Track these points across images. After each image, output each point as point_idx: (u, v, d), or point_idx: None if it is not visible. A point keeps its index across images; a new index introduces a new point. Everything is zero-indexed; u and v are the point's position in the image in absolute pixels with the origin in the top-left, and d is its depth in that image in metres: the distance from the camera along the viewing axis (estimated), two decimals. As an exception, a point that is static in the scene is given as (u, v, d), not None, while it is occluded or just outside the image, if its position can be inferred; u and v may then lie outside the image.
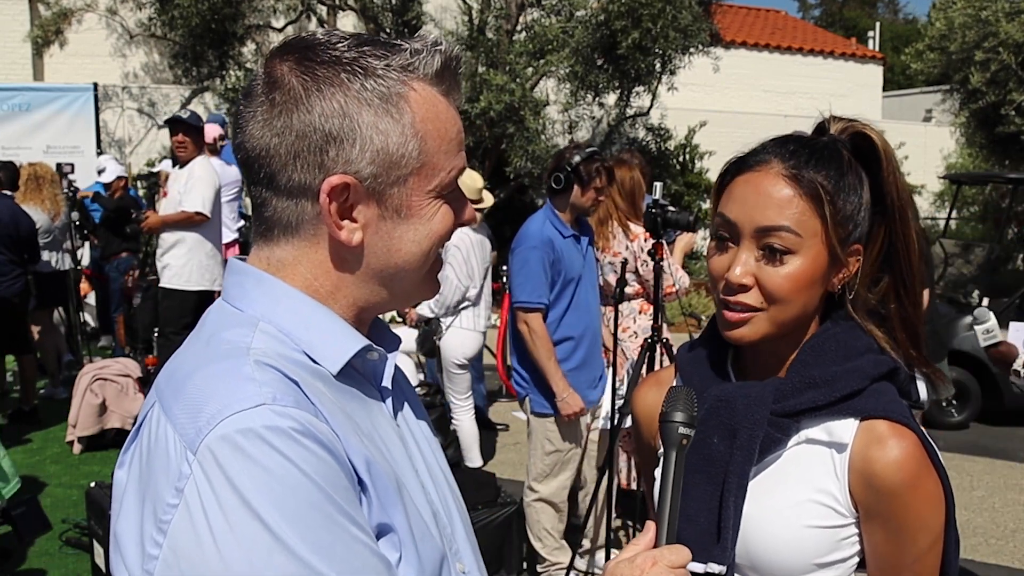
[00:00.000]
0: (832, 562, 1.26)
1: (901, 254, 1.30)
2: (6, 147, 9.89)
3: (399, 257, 0.98)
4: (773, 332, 1.28)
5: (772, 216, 1.23)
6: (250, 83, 0.97)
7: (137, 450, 0.89)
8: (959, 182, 9.58)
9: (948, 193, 15.90)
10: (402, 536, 0.91)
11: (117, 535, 0.86)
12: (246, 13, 10.98)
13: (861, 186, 1.28)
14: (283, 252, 0.98)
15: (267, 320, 0.95)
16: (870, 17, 35.70)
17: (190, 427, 0.83)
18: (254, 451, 0.81)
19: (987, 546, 4.74)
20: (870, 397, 1.25)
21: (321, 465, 0.83)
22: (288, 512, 0.80)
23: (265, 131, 0.94)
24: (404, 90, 0.95)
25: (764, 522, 1.27)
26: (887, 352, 1.29)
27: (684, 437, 1.09)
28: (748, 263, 1.25)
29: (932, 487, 1.24)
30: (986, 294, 6.93)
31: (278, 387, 0.86)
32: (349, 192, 0.94)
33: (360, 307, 1.01)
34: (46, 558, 4.40)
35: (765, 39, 18.08)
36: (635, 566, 1.02)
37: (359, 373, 1.00)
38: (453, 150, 0.99)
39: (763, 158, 1.27)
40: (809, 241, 1.23)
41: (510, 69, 10.19)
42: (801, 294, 1.25)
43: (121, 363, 6.40)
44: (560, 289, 3.77)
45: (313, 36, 0.97)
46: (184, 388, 0.88)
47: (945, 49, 12.35)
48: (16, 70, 12.46)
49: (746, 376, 1.36)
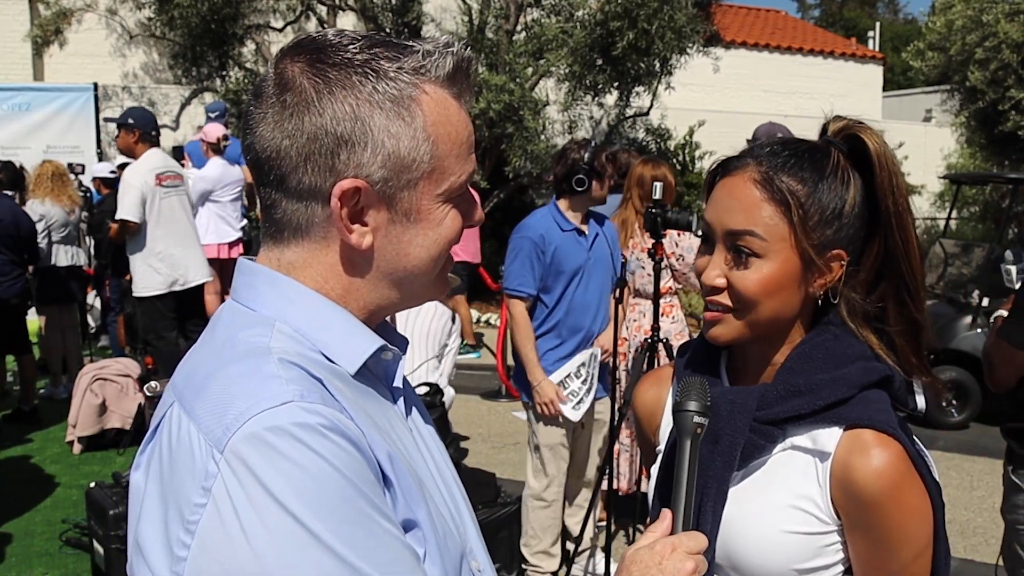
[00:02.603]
0: (814, 568, 1.26)
1: (900, 259, 1.28)
2: (6, 147, 9.88)
3: (408, 261, 0.98)
4: (748, 334, 1.28)
5: (739, 220, 1.25)
6: (260, 84, 0.97)
7: (156, 451, 0.88)
8: (959, 182, 9.58)
9: (948, 193, 15.90)
10: (426, 532, 0.92)
11: (140, 539, 0.85)
12: (246, 13, 10.97)
13: (847, 190, 1.26)
14: (293, 254, 0.97)
15: (282, 320, 0.95)
16: (870, 17, 35.69)
17: (216, 426, 0.82)
18: (285, 448, 0.80)
19: (987, 546, 4.73)
20: (857, 405, 1.24)
21: (351, 460, 0.83)
22: (320, 507, 0.80)
23: (276, 133, 0.93)
24: (416, 93, 0.94)
25: (746, 526, 1.27)
26: (882, 359, 1.28)
27: (698, 426, 1.10)
28: (719, 265, 1.27)
29: (915, 499, 1.22)
30: (986, 294, 6.93)
31: (304, 384, 0.86)
32: (360, 196, 0.93)
33: (371, 309, 1.00)
34: (46, 558, 4.40)
35: (765, 39, 18.08)
36: (655, 552, 1.03)
37: (372, 373, 1.00)
38: (464, 154, 0.99)
39: (742, 162, 1.28)
40: (776, 245, 1.23)
41: (509, 69, 10.19)
42: (771, 298, 1.25)
43: (121, 363, 6.40)
44: (552, 282, 3.76)
45: (324, 37, 0.96)
46: (206, 388, 0.87)
47: (945, 49, 12.35)
48: (16, 70, 12.45)
49: (738, 379, 1.36)
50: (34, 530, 4.72)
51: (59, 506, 5.03)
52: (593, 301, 3.86)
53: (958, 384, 6.91)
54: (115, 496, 3.90)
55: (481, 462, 5.48)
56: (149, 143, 5.87)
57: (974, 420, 6.94)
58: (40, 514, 4.94)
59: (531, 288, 3.75)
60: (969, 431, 6.87)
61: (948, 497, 6.16)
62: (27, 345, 6.71)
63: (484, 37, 10.69)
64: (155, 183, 5.82)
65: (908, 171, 15.87)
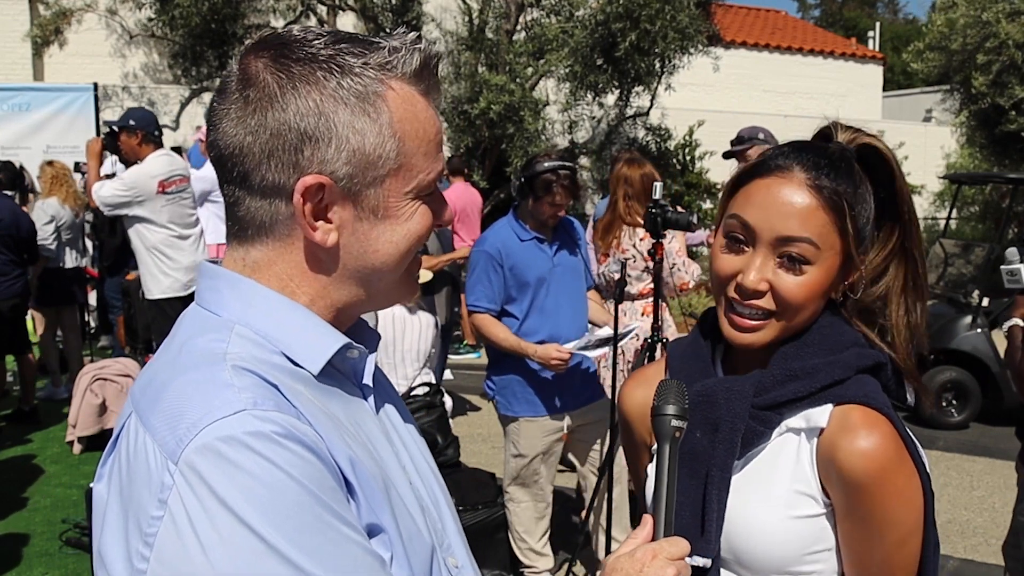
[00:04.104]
0: (820, 550, 1.26)
1: (917, 260, 1.32)
2: (6, 147, 9.87)
3: (376, 258, 0.97)
4: (781, 337, 1.29)
5: (794, 227, 1.23)
6: (224, 80, 0.96)
7: (116, 463, 0.87)
8: (959, 182, 9.57)
9: (948, 193, 15.90)
10: (391, 536, 0.91)
11: (102, 551, 0.84)
12: (246, 13, 10.98)
13: (870, 197, 1.29)
14: (258, 253, 0.96)
15: (243, 323, 0.93)
16: (870, 17, 35.69)
17: (170, 437, 0.82)
18: (237, 457, 0.79)
19: (987, 546, 4.73)
20: (851, 385, 1.25)
21: (307, 467, 0.82)
22: (275, 516, 0.79)
23: (239, 129, 0.92)
24: (382, 89, 0.93)
25: (749, 515, 1.27)
26: (876, 346, 1.30)
27: (677, 430, 1.10)
28: (764, 269, 1.25)
29: (903, 482, 1.21)
30: (986, 294, 6.93)
31: (257, 392, 0.85)
32: (324, 192, 0.92)
33: (338, 308, 0.99)
34: (46, 558, 4.39)
35: (765, 39, 18.08)
36: (635, 560, 1.02)
37: (339, 372, 0.99)
38: (432, 151, 0.98)
39: (784, 164, 1.26)
40: (827, 253, 1.24)
41: (510, 69, 10.19)
42: (813, 302, 1.26)
43: (121, 363, 6.40)
44: (517, 293, 3.69)
45: (289, 32, 0.95)
46: (161, 398, 0.86)
47: (946, 49, 12.35)
48: (16, 70, 12.45)
49: (733, 371, 1.36)
50: (34, 530, 4.71)
51: (59, 506, 5.02)
52: (564, 306, 3.77)
53: (958, 384, 6.90)
54: (115, 496, 3.90)
55: (481, 462, 5.48)
56: (153, 143, 5.80)
57: (974, 420, 6.93)
58: (40, 514, 4.94)
59: (488, 303, 3.67)
60: (969, 431, 6.87)
61: (948, 497, 6.18)
62: (27, 345, 6.72)
63: (484, 37, 10.69)
64: (157, 190, 5.80)
65: (908, 171, 15.84)
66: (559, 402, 3.76)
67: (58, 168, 7.36)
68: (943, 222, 11.39)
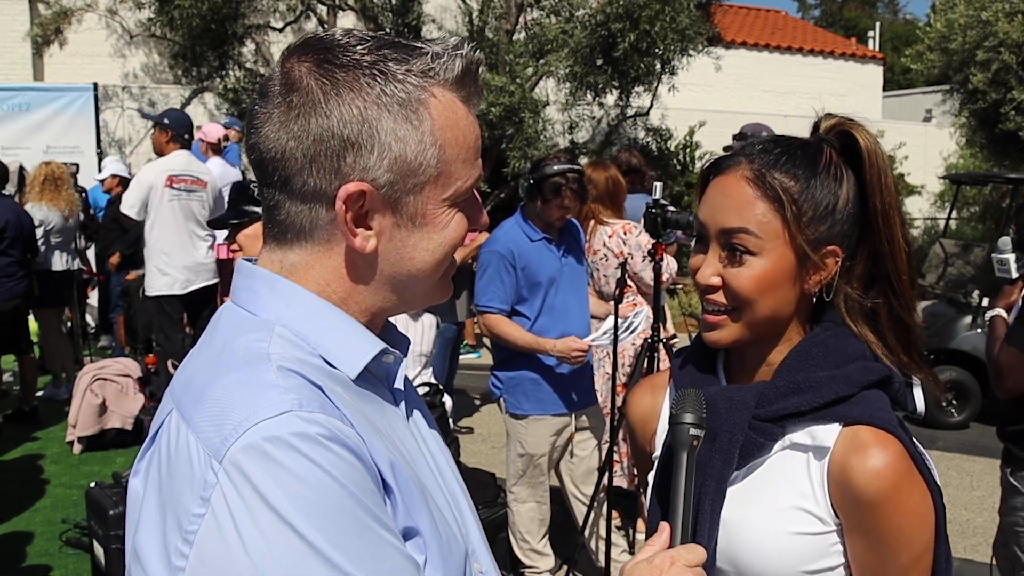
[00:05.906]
0: (819, 570, 1.24)
1: (886, 256, 1.28)
2: (6, 147, 9.88)
3: (412, 265, 0.97)
4: (747, 335, 1.28)
5: (733, 218, 1.24)
6: (266, 83, 0.95)
7: (155, 459, 0.87)
8: (959, 182, 9.58)
9: (948, 193, 15.89)
10: (427, 539, 0.91)
11: (138, 548, 0.84)
12: (246, 13, 10.96)
13: (840, 186, 1.26)
14: (296, 256, 0.96)
15: (282, 324, 0.93)
16: (870, 17, 35.68)
17: (215, 436, 0.82)
18: (283, 458, 0.80)
19: (987, 546, 4.72)
20: (857, 404, 1.23)
21: (350, 470, 0.82)
22: (319, 518, 0.79)
23: (281, 134, 0.92)
24: (424, 96, 0.93)
25: (748, 528, 1.26)
26: (880, 359, 1.27)
27: (695, 438, 1.11)
28: (714, 264, 1.27)
29: (916, 501, 1.20)
30: (986, 294, 6.93)
31: (303, 393, 0.85)
32: (365, 199, 0.92)
33: (373, 312, 0.99)
34: (46, 558, 4.40)
35: (765, 39, 18.08)
36: (654, 566, 1.03)
37: (374, 376, 0.99)
38: (471, 158, 0.98)
39: (734, 160, 1.28)
40: (771, 243, 1.23)
41: (510, 70, 10.19)
42: (766, 295, 1.25)
43: (121, 363, 6.40)
44: (529, 293, 3.70)
45: (332, 36, 0.95)
46: (205, 396, 0.86)
47: (945, 49, 12.34)
48: (16, 70, 12.45)
49: (736, 379, 1.35)
50: (34, 530, 4.72)
51: (59, 506, 5.03)
52: (573, 305, 3.80)
53: (958, 384, 6.91)
54: (115, 496, 3.90)
55: (481, 462, 5.48)
56: (179, 144, 6.01)
57: (974, 420, 6.94)
58: (40, 514, 4.95)
59: (500, 303, 3.68)
60: (969, 431, 6.87)
61: (948, 497, 6.16)
62: (28, 345, 6.72)
63: (484, 37, 10.67)
64: (164, 183, 5.85)
65: (908, 171, 15.86)
66: (568, 400, 3.78)
67: (54, 168, 7.26)
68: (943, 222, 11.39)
